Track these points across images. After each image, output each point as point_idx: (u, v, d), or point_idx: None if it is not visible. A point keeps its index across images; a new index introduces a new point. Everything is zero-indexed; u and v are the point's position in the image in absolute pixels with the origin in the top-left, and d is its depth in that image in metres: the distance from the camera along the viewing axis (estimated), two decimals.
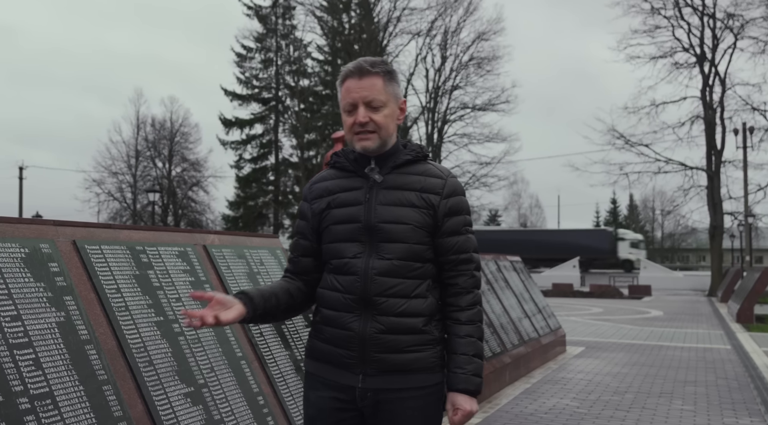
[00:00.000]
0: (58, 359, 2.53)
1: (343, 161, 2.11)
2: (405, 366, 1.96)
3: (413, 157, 2.07)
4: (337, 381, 2.00)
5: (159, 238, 3.47)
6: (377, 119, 2.00)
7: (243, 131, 42.90)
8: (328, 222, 2.06)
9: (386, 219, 1.98)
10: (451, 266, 2.04)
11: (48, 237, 2.83)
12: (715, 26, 32.28)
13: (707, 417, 5.95)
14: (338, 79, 2.08)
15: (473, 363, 2.01)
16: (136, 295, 3.09)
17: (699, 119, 32.53)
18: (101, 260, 3.02)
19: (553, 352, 9.43)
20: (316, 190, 2.13)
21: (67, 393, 2.48)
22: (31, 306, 2.56)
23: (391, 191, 2.02)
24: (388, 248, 1.97)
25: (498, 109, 38.51)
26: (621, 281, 38.44)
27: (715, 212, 31.64)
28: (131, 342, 2.91)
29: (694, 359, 9.61)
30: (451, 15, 38.61)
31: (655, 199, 69.20)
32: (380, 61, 2.06)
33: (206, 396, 3.12)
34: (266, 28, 42.50)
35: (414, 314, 1.97)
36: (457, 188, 2.08)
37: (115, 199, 47.60)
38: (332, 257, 2.04)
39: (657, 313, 18.87)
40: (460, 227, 2.06)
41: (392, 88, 2.05)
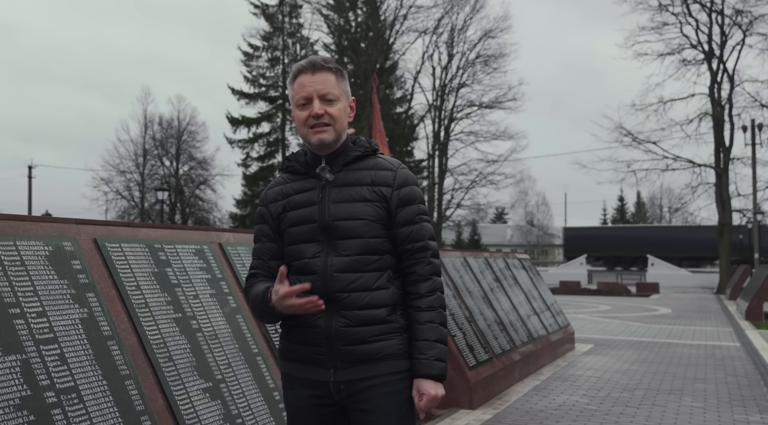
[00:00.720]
0: (82, 354, 2.59)
1: (294, 164, 2.14)
2: (372, 355, 1.99)
3: (362, 152, 2.09)
4: (310, 378, 2.03)
5: (176, 236, 3.53)
6: (332, 111, 2.03)
7: (250, 130, 42.98)
8: (285, 225, 2.09)
9: (340, 217, 2.01)
10: (408, 255, 2.07)
11: (70, 235, 2.89)
12: (723, 23, 32.16)
13: (717, 413, 5.97)
14: (289, 77, 2.10)
15: (435, 348, 2.02)
16: (155, 292, 3.15)
17: (707, 116, 32.43)
18: (121, 258, 3.07)
19: (561, 349, 9.45)
20: (272, 194, 2.16)
21: (91, 388, 2.54)
22: (55, 303, 2.61)
23: (343, 189, 2.04)
24: (344, 244, 2.00)
25: (505, 107, 38.46)
26: (628, 279, 38.39)
27: (723, 209, 31.54)
28: (151, 338, 2.96)
29: (703, 356, 9.61)
30: (457, 13, 38.59)
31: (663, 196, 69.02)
32: (331, 59, 2.09)
33: (224, 391, 3.18)
34: (273, 26, 42.56)
35: (377, 305, 2.00)
36: (408, 179, 2.09)
37: (123, 197, 47.78)
38: (293, 259, 2.07)
39: (665, 311, 18.85)
40: (414, 216, 2.07)
41: (344, 85, 2.08)
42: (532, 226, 70.72)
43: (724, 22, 32.11)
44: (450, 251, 8.15)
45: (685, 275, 40.47)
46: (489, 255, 9.35)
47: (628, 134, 33.44)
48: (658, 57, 33.22)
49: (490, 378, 6.51)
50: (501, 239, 79.70)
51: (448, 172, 39.14)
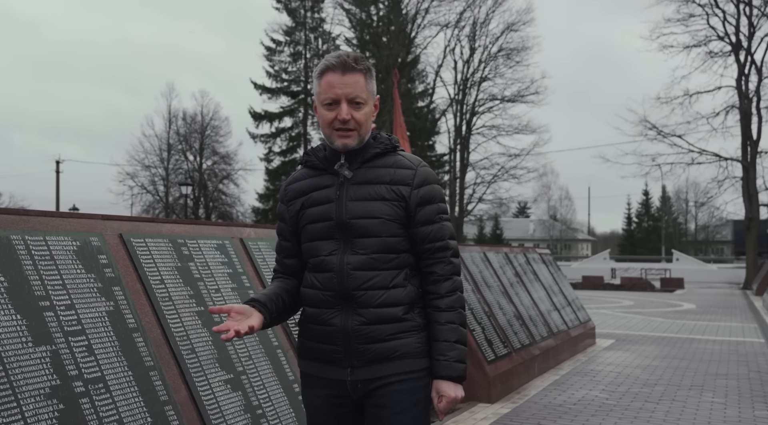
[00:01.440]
0: (108, 346, 2.68)
1: (313, 160, 2.12)
2: (389, 353, 1.97)
3: (382, 149, 2.06)
4: (327, 377, 2.02)
5: (199, 231, 3.62)
6: (358, 117, 2.00)
7: (272, 124, 43.28)
8: (304, 222, 2.07)
9: (357, 215, 1.98)
10: (427, 254, 2.05)
11: (97, 231, 2.98)
12: (751, 14, 31.58)
13: (738, 409, 5.94)
14: (316, 70, 2.04)
15: (455, 350, 2.01)
16: (179, 286, 3.24)
17: (734, 109, 31.92)
18: (146, 253, 3.17)
19: (582, 345, 9.44)
20: (291, 191, 2.14)
21: (117, 378, 2.64)
22: (83, 296, 2.71)
23: (361, 186, 2.02)
24: (361, 242, 1.98)
25: (527, 100, 38.20)
26: (653, 274, 38.01)
27: (750, 203, 31.06)
28: (175, 330, 3.06)
29: (726, 352, 9.54)
30: (479, 6, 38.36)
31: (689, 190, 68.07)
32: (361, 57, 2.04)
33: (245, 383, 3.27)
34: (295, 21, 42.74)
35: (393, 303, 1.98)
36: (429, 177, 2.06)
37: (148, 192, 48.37)
38: (310, 256, 2.06)
39: (689, 306, 18.67)
40: (434, 216, 2.05)
41: (371, 86, 2.04)
42: (555, 220, 70.25)
43: (752, 13, 31.55)
44: (470, 246, 8.19)
45: (711, 270, 39.97)
46: (509, 250, 9.36)
47: (653, 127, 33.06)
48: (684, 49, 32.76)
49: (509, 372, 6.54)
50: (524, 233, 79.28)
51: (469, 166, 39.04)
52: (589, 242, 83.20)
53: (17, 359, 2.34)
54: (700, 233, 72.34)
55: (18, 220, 2.67)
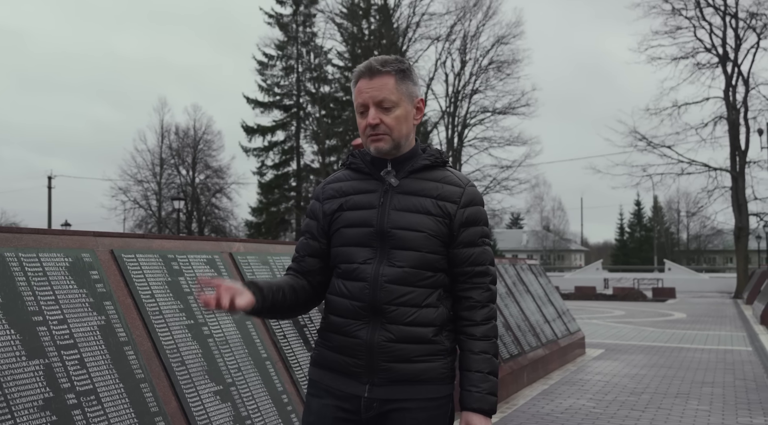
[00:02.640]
0: (100, 359, 2.77)
1: (359, 163, 2.03)
2: (414, 376, 1.89)
3: (432, 162, 2.00)
4: (342, 389, 1.93)
5: (188, 246, 3.71)
6: (388, 120, 1.93)
7: (265, 138, 43.40)
8: (339, 224, 1.99)
9: (400, 225, 1.91)
10: (465, 278, 1.96)
11: (89, 247, 3.07)
12: (737, 26, 32.04)
13: (722, 416, 6.04)
14: (352, 80, 2.01)
15: (489, 382, 1.92)
16: (169, 300, 3.32)
17: (722, 120, 32.30)
18: (136, 268, 3.26)
19: (571, 354, 9.54)
20: (329, 190, 2.05)
21: (108, 390, 2.72)
22: (75, 311, 2.80)
23: (406, 197, 1.94)
24: (399, 255, 1.90)
25: (518, 112, 38.51)
26: (645, 283, 38.19)
27: (740, 213, 31.35)
28: (165, 343, 3.14)
29: (713, 360, 9.65)
30: (470, 19, 38.76)
31: (680, 200, 68.50)
32: (393, 59, 1.96)
33: (234, 394, 3.35)
34: (287, 35, 43.00)
35: (424, 323, 1.90)
36: (476, 198, 2.00)
37: (141, 206, 48.38)
38: (341, 262, 1.97)
39: (680, 315, 18.80)
40: (477, 239, 1.97)
41: (405, 87, 1.96)
42: (548, 231, 70.49)
43: (738, 26, 32.00)
44: None
45: (703, 280, 40.19)
46: (499, 262, 9.47)
47: (642, 138, 33.39)
48: (672, 61, 33.18)
49: (499, 381, 6.63)
50: (517, 244, 79.48)
51: None
52: (582, 253, 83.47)
53: (11, 372, 2.43)
54: (692, 243, 72.71)
55: (11, 238, 2.76)
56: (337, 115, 42.11)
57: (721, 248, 72.26)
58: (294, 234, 43.21)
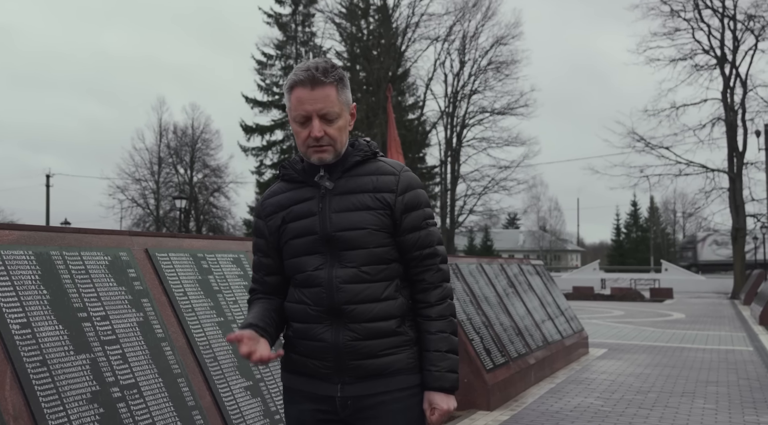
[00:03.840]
0: (140, 354, 2.85)
1: (291, 173, 2.02)
2: (382, 369, 1.91)
3: (362, 157, 1.98)
4: (315, 392, 1.95)
5: (216, 246, 3.79)
6: (332, 132, 1.92)
7: (264, 138, 43.49)
8: (286, 237, 1.99)
9: (342, 227, 1.91)
10: (416, 262, 1.98)
11: (125, 246, 3.15)
12: (735, 28, 32.21)
13: (729, 415, 6.15)
14: (285, 84, 1.95)
15: (447, 360, 1.95)
16: (200, 298, 3.41)
17: (720, 121, 32.46)
18: (169, 267, 3.34)
19: (576, 354, 9.64)
20: (269, 207, 2.04)
21: (149, 384, 2.80)
22: (116, 307, 2.88)
23: (343, 197, 1.94)
24: (349, 255, 1.91)
25: (517, 113, 38.65)
26: (642, 284, 38.37)
27: (737, 214, 31.52)
28: (198, 340, 3.22)
29: (716, 360, 9.76)
30: (469, 20, 38.86)
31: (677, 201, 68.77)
32: (331, 66, 1.92)
33: (263, 389, 3.43)
34: (286, 35, 43.07)
35: (386, 317, 1.91)
36: (412, 182, 1.99)
37: (139, 205, 48.38)
38: (295, 272, 1.98)
39: (679, 316, 18.93)
40: (420, 222, 1.98)
41: (345, 97, 1.95)
42: (544, 231, 70.67)
43: (736, 28, 32.16)
44: (465, 258, 8.38)
45: (700, 280, 40.39)
46: (504, 262, 9.57)
47: (640, 139, 33.52)
48: (670, 62, 33.31)
49: (507, 380, 6.72)
50: (513, 244, 79.67)
51: (460, 178, 39.35)
52: (579, 253, 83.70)
53: (61, 366, 2.51)
54: None
55: (55, 236, 2.84)
56: None
57: None
58: None
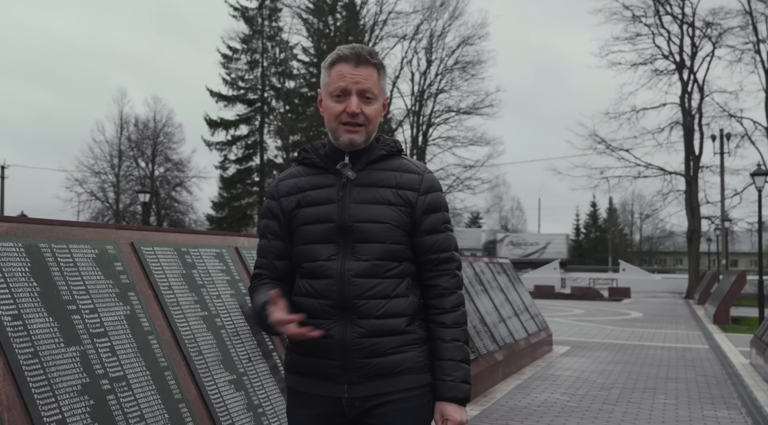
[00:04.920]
0: (128, 347, 2.86)
1: (312, 157, 1.96)
2: (391, 368, 1.85)
3: (387, 152, 1.94)
4: (321, 394, 1.87)
5: (199, 240, 3.80)
6: (368, 112, 1.87)
7: (228, 132, 43.02)
8: (298, 222, 1.91)
9: (361, 218, 1.85)
10: (431, 265, 1.92)
11: (111, 240, 3.15)
12: (694, 34, 33.14)
13: (688, 410, 6.38)
14: (327, 60, 1.91)
15: (461, 370, 1.89)
16: (185, 292, 3.42)
17: (678, 125, 33.36)
18: (155, 260, 3.35)
19: (541, 351, 9.84)
20: (284, 187, 1.96)
21: (137, 377, 2.82)
22: (103, 300, 2.89)
23: (365, 189, 1.88)
24: (364, 248, 1.85)
25: (482, 113, 39.07)
26: (601, 283, 39.18)
27: (692, 216, 32.44)
28: (183, 333, 3.24)
29: (674, 357, 10.08)
30: (436, 19, 39.12)
31: (635, 203, 70.30)
32: (376, 51, 1.92)
33: (246, 383, 3.47)
34: (252, 29, 42.67)
35: (396, 314, 1.86)
36: (435, 184, 1.96)
37: (98, 198, 47.44)
38: (304, 260, 1.90)
39: (637, 314, 19.43)
40: (440, 225, 1.94)
41: (383, 83, 1.93)
42: (506, 230, 71.54)
43: (694, 34, 33.09)
44: None
45: (656, 280, 41.42)
46: (473, 259, 9.71)
47: (602, 141, 34.24)
48: (632, 67, 34.11)
49: (476, 376, 6.85)
50: (476, 243, 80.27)
51: None
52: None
53: (53, 358, 2.51)
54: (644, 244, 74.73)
55: (44, 229, 2.83)
56: (302, 111, 41.99)
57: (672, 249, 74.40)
58: (256, 229, 42.93)
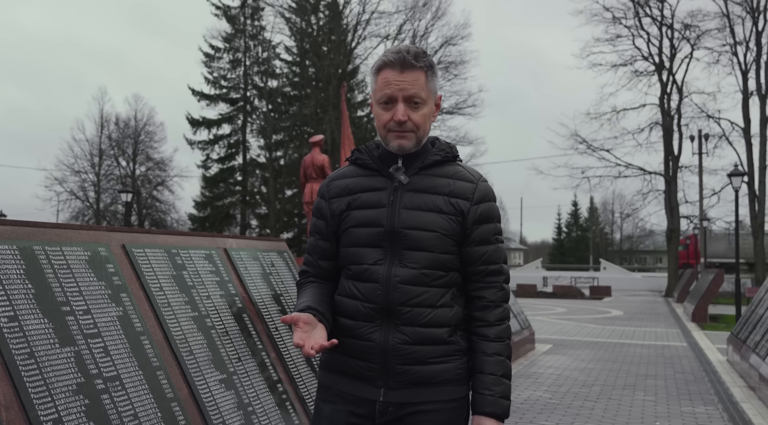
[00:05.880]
0: (121, 347, 2.91)
1: (366, 158, 1.94)
2: (430, 378, 1.83)
3: (442, 157, 1.92)
4: (355, 394, 1.86)
5: (188, 242, 3.85)
6: (416, 118, 1.84)
7: (210, 131, 42.86)
8: (347, 224, 1.90)
9: (411, 225, 1.83)
10: (478, 277, 1.88)
11: (103, 241, 3.19)
12: (673, 36, 33.58)
13: (667, 406, 6.53)
14: (374, 66, 1.89)
15: (502, 385, 1.84)
16: (175, 293, 3.47)
17: (657, 126, 33.81)
18: (146, 262, 3.39)
19: (523, 349, 9.97)
20: (335, 188, 1.95)
21: (131, 377, 2.86)
22: (96, 302, 2.93)
23: (417, 194, 1.86)
24: (411, 256, 1.83)
25: (465, 113, 39.32)
26: (582, 282, 39.57)
27: (672, 215, 32.89)
28: (175, 334, 3.29)
29: (653, 355, 10.26)
30: (419, 19, 39.27)
31: (615, 202, 71.11)
32: (422, 52, 1.86)
33: (236, 382, 3.52)
34: (235, 28, 42.53)
35: (439, 324, 1.83)
36: (489, 194, 1.91)
37: (78, 198, 47.04)
38: (351, 263, 1.90)
39: (617, 313, 19.68)
40: (490, 236, 1.90)
41: (433, 85, 1.88)
42: None
43: (673, 36, 33.54)
44: None
45: (636, 279, 41.92)
46: None
47: (583, 141, 34.60)
48: (612, 68, 34.52)
49: None
50: None
51: None
52: (522, 251, 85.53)
53: (48, 358, 2.55)
54: (625, 243, 75.56)
55: (37, 231, 2.87)
56: (285, 110, 41.94)
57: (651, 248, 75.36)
58: (239, 229, 42.80)
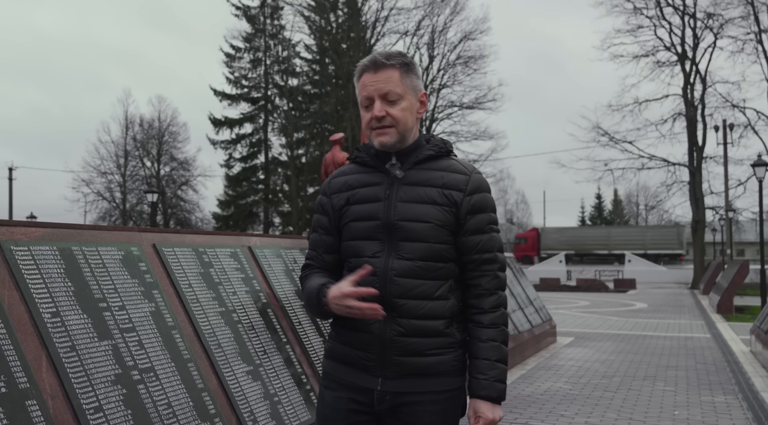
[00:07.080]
0: (154, 341, 3.09)
1: (363, 156, 2.03)
2: (426, 369, 1.90)
3: (436, 152, 1.99)
4: (355, 383, 1.94)
5: (215, 241, 4.03)
6: (394, 112, 1.92)
7: (233, 131, 43.31)
8: (347, 219, 1.98)
9: (406, 217, 1.90)
10: (473, 266, 1.95)
11: (135, 242, 3.38)
12: (695, 26, 33.16)
13: (686, 396, 6.59)
14: (355, 75, 2.00)
15: (496, 369, 1.92)
16: (203, 289, 3.65)
17: (681, 116, 33.44)
18: (175, 260, 3.58)
19: (545, 342, 10.06)
20: (336, 184, 2.04)
21: (164, 369, 3.05)
22: (130, 298, 3.12)
23: (412, 188, 1.93)
24: (408, 247, 1.90)
25: (485, 107, 39.22)
26: (606, 275, 39.34)
27: (697, 206, 32.55)
28: (204, 328, 3.47)
29: (676, 347, 10.28)
30: (438, 15, 39.23)
31: (639, 194, 70.40)
32: (396, 53, 1.97)
33: (262, 374, 3.70)
34: (255, 28, 42.89)
35: (435, 316, 1.90)
36: (482, 185, 1.98)
37: (105, 199, 47.83)
38: (350, 256, 1.97)
39: (641, 305, 19.61)
40: (484, 226, 1.96)
41: (410, 81, 1.96)
42: (511, 224, 71.71)
43: (696, 25, 33.12)
44: None
45: (661, 271, 41.55)
46: None
47: (605, 133, 34.37)
48: (633, 59, 34.18)
49: None
50: None
51: None
52: None
53: (88, 351, 2.74)
54: None
55: (74, 233, 3.06)
56: (305, 108, 42.24)
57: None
58: (262, 227, 43.24)
